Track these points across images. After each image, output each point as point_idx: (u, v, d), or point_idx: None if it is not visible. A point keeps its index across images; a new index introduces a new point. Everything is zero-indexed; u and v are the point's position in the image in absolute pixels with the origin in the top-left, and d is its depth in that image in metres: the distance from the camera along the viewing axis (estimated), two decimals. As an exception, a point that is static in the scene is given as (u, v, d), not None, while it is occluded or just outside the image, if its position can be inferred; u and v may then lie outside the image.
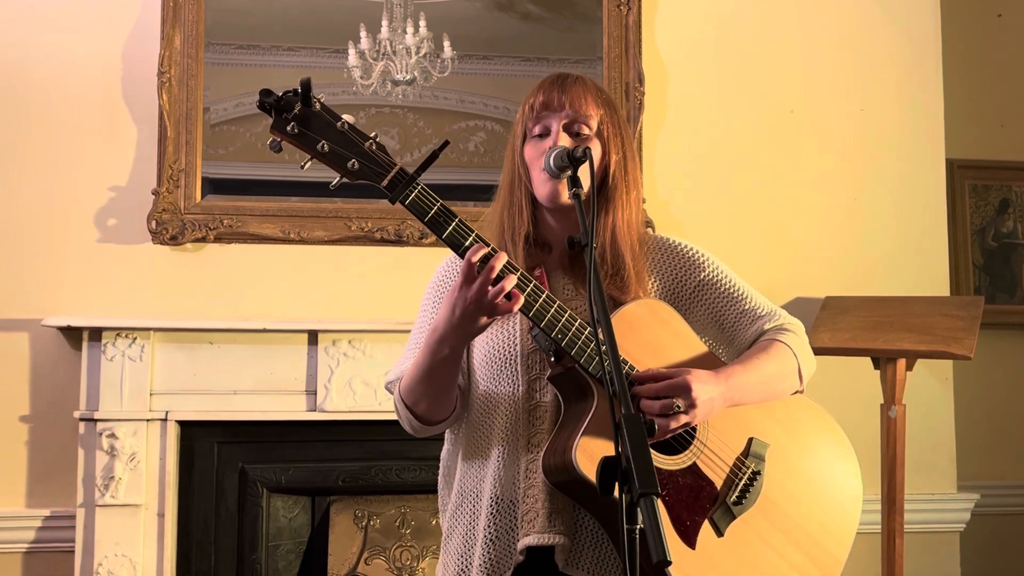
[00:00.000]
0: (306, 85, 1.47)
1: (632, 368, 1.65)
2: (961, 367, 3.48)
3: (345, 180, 1.52)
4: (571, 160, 1.61)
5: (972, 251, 3.94)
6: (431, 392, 1.68)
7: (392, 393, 1.78)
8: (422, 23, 3.25)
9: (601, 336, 1.39)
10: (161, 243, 3.10)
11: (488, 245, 1.53)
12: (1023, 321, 3.94)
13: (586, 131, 1.72)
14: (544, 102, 1.72)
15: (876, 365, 3.11)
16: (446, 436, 1.84)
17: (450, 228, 1.53)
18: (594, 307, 1.41)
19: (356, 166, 1.49)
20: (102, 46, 3.14)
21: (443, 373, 1.65)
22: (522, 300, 1.54)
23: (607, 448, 1.54)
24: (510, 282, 1.51)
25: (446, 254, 1.82)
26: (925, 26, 3.57)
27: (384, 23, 3.23)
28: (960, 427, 3.50)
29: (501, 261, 1.50)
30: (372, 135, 1.52)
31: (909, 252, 3.50)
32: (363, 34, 3.22)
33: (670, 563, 1.19)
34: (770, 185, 3.45)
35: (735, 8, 3.49)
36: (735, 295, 1.81)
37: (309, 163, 1.51)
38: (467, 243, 1.53)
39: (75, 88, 3.12)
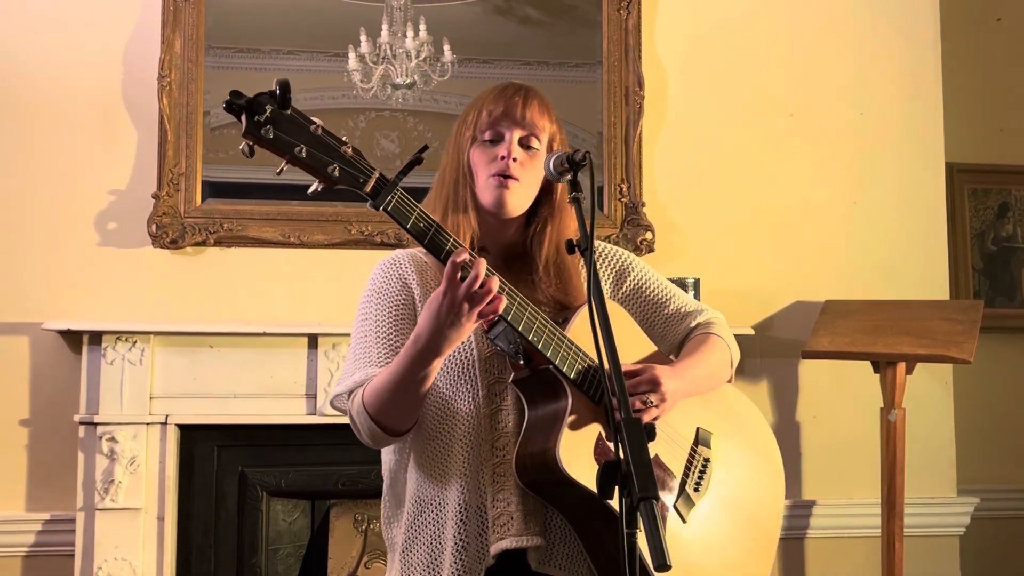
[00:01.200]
0: (284, 86, 1.40)
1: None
2: (961, 371, 3.48)
3: (323, 186, 1.46)
4: (571, 164, 1.61)
5: (971, 255, 3.94)
6: (403, 404, 1.63)
7: (342, 407, 1.73)
8: (422, 27, 3.25)
9: (601, 339, 1.40)
10: (161, 247, 3.10)
11: (468, 250, 1.52)
12: (1022, 325, 3.94)
13: (537, 144, 1.74)
14: (505, 112, 1.73)
15: (876, 369, 3.11)
16: (389, 447, 1.79)
17: (431, 233, 1.52)
18: (594, 312, 1.42)
19: (337, 172, 1.45)
20: (102, 50, 3.14)
21: (418, 385, 1.60)
22: (505, 302, 1.54)
23: (586, 446, 1.59)
24: (495, 284, 1.50)
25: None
26: (925, 30, 3.58)
27: (384, 27, 3.24)
28: (960, 431, 3.50)
29: (484, 264, 1.49)
30: (344, 139, 1.47)
31: (909, 256, 3.50)
32: (363, 38, 3.22)
33: (669, 567, 1.19)
34: (769, 189, 3.46)
35: (734, 12, 3.49)
36: (663, 296, 1.89)
37: (285, 167, 1.44)
38: (448, 246, 1.53)
39: (75, 92, 3.12)
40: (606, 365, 1.39)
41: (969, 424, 3.64)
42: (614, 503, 1.28)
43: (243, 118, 1.39)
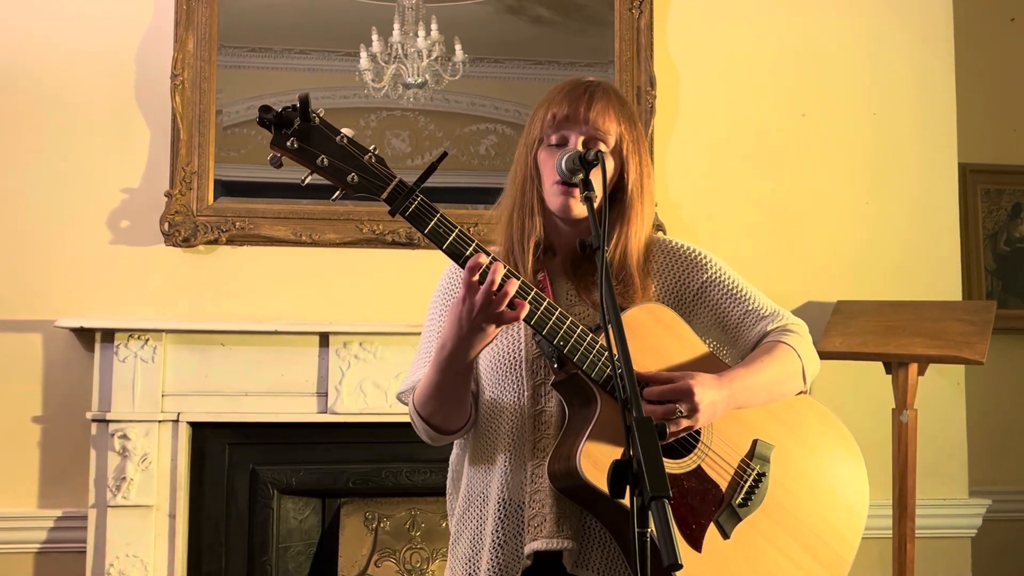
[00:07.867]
0: (304, 100, 1.48)
1: None
2: (973, 372, 3.46)
3: (345, 193, 1.53)
4: (583, 163, 1.60)
5: (984, 256, 3.93)
6: (445, 405, 1.68)
7: (406, 404, 1.78)
8: (433, 26, 3.26)
9: (612, 339, 1.39)
10: (173, 245, 3.11)
11: (488, 254, 1.53)
12: (1035, 326, 3.93)
13: (603, 148, 1.70)
14: (568, 115, 1.70)
15: (888, 370, 3.10)
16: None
17: (450, 239, 1.53)
18: (605, 311, 1.41)
19: (355, 179, 1.51)
20: (115, 49, 3.16)
21: (455, 386, 1.65)
22: (527, 308, 1.54)
23: (612, 454, 1.55)
24: (512, 287, 1.51)
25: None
26: (938, 30, 3.56)
27: (396, 26, 3.24)
28: (972, 432, 3.49)
29: (501, 270, 1.50)
30: (371, 148, 1.52)
31: (921, 256, 3.49)
32: (375, 37, 3.23)
33: (681, 567, 1.19)
34: (782, 189, 3.45)
35: (746, 11, 3.48)
36: (738, 296, 1.81)
37: (309, 178, 1.52)
38: (467, 252, 1.53)
39: (88, 91, 3.13)
40: (617, 365, 1.39)
41: (981, 425, 3.63)
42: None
43: (272, 131, 1.48)
